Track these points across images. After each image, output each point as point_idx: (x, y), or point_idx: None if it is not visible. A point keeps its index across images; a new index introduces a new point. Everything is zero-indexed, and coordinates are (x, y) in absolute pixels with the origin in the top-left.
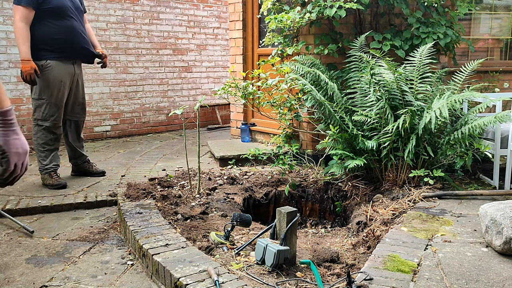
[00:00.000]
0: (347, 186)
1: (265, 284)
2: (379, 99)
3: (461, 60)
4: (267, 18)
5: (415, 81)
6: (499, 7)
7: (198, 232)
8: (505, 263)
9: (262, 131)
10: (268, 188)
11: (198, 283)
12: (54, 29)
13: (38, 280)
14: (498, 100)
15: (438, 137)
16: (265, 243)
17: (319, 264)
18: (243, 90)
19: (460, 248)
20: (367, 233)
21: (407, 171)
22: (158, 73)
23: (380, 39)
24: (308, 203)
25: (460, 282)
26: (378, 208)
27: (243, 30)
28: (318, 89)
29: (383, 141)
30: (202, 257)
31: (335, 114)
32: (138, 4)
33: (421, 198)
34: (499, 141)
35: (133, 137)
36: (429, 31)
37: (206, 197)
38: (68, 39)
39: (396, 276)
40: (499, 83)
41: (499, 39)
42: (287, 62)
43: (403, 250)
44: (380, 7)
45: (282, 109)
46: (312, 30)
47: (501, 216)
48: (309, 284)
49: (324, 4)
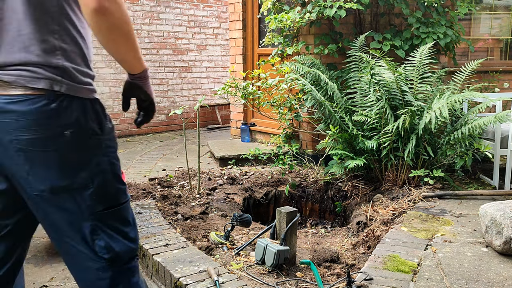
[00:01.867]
0: (347, 186)
1: (265, 284)
2: (379, 99)
3: (461, 60)
4: (267, 18)
5: (415, 81)
6: (499, 7)
7: (198, 232)
8: (505, 263)
9: (262, 131)
10: (268, 188)
11: (198, 283)
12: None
13: (38, 280)
14: (498, 100)
15: (438, 137)
16: (265, 243)
17: (319, 264)
18: (243, 90)
19: (460, 248)
20: (367, 233)
21: (407, 171)
22: (158, 73)
23: (380, 39)
24: (308, 203)
25: (460, 282)
26: (378, 208)
27: (243, 30)
28: (318, 89)
29: (383, 141)
30: (202, 257)
31: (335, 114)
32: (138, 4)
33: (421, 198)
34: (499, 141)
35: (133, 137)
36: (429, 31)
37: (206, 197)
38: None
39: (396, 276)
40: (499, 83)
41: (499, 39)
42: (287, 62)
43: (403, 250)
44: (380, 7)
45: (282, 109)
46: (312, 30)
47: (501, 216)
48: (309, 284)
49: (324, 4)
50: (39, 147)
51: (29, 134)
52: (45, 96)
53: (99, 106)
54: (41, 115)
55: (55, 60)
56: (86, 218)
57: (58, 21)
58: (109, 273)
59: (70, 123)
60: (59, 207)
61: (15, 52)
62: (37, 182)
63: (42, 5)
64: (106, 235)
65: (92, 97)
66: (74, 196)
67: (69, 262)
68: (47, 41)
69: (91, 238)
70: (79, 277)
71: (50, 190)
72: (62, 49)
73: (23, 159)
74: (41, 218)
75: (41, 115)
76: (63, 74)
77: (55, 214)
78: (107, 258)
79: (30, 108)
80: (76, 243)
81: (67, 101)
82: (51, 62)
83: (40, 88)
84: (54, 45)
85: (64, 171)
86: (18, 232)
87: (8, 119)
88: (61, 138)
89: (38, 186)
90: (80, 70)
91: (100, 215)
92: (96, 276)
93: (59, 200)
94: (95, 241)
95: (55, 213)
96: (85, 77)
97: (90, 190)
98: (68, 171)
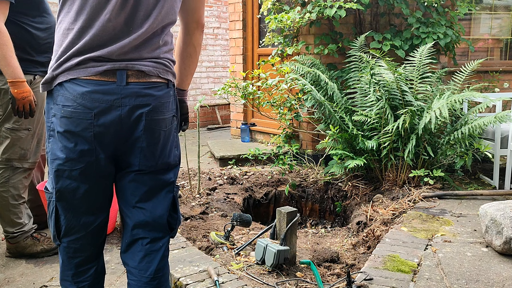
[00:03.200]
0: (347, 186)
1: (265, 284)
2: (379, 99)
3: (461, 60)
4: (267, 18)
5: (415, 81)
6: (499, 7)
7: (198, 232)
8: (505, 263)
9: (262, 131)
10: (268, 188)
11: (198, 283)
12: (35, 31)
13: (38, 280)
14: (498, 100)
15: (438, 137)
16: (265, 243)
17: (319, 264)
18: (243, 90)
19: (460, 248)
20: (367, 233)
21: (407, 171)
22: None
23: (380, 39)
24: (308, 203)
25: (460, 282)
26: (378, 208)
27: (243, 30)
28: (318, 89)
29: (383, 141)
30: (202, 257)
31: (335, 114)
32: None
33: (421, 198)
34: (499, 141)
35: None
36: (429, 31)
37: (206, 197)
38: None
39: (396, 276)
40: (499, 83)
41: (499, 39)
42: (287, 62)
43: (403, 250)
44: (380, 7)
45: (282, 109)
46: (312, 30)
47: (501, 216)
48: (309, 284)
49: (324, 4)
50: (162, 127)
51: (158, 115)
52: (167, 84)
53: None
54: (167, 99)
55: (171, 56)
56: (171, 190)
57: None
58: (165, 246)
59: (174, 108)
60: (155, 178)
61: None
62: (148, 158)
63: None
64: (175, 207)
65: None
66: (169, 171)
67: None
68: (167, 42)
69: (171, 208)
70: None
71: (157, 166)
72: (172, 47)
73: (145, 137)
74: (134, 189)
75: (167, 100)
76: (172, 67)
77: (145, 186)
78: (175, 229)
79: (160, 93)
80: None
81: (173, 89)
82: (171, 58)
83: (167, 78)
84: (170, 44)
85: (169, 149)
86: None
87: (145, 102)
88: (172, 121)
89: (147, 162)
90: (174, 62)
91: (177, 189)
92: (155, 247)
93: (158, 174)
94: (172, 212)
95: (148, 183)
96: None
97: (178, 167)
98: (171, 149)
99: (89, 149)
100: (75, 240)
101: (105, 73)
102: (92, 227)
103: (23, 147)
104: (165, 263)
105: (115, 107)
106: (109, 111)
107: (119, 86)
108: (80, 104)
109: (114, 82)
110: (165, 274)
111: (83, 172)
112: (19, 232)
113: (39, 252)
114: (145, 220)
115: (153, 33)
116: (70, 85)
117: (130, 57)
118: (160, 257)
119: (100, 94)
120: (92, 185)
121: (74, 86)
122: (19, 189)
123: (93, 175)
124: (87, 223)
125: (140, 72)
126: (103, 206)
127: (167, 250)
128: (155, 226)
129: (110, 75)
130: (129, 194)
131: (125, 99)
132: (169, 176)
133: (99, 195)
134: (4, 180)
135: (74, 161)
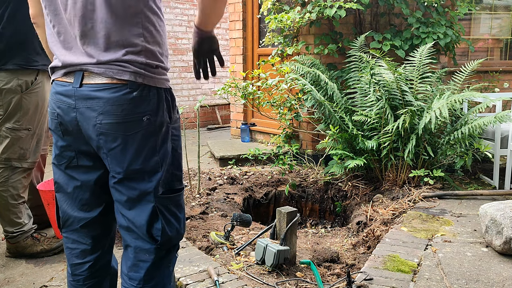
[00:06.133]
0: (347, 186)
1: (265, 284)
2: (379, 99)
3: (461, 60)
4: (267, 18)
5: (415, 81)
6: (499, 7)
7: (198, 232)
8: (505, 263)
9: (262, 131)
10: (268, 188)
11: (198, 283)
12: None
13: (38, 280)
14: (498, 100)
15: (438, 137)
16: (265, 243)
17: (319, 264)
18: (243, 90)
19: (460, 248)
20: (367, 233)
21: (407, 171)
22: None
23: (380, 39)
24: (308, 203)
25: (460, 282)
26: (378, 208)
27: (243, 30)
28: (318, 89)
29: (383, 141)
30: (202, 257)
31: (335, 114)
32: None
33: (421, 198)
34: (499, 141)
35: None
36: (429, 31)
37: (206, 197)
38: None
39: (396, 276)
40: (499, 83)
41: (499, 39)
42: (287, 62)
43: (403, 250)
44: (380, 7)
45: (282, 109)
46: (312, 30)
47: (501, 216)
48: (309, 284)
49: (324, 4)
50: (120, 131)
51: (111, 118)
52: (127, 85)
53: (170, 96)
54: (124, 101)
55: (139, 59)
56: (151, 200)
57: (142, 23)
58: (153, 256)
59: (148, 111)
60: (130, 187)
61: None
62: (115, 164)
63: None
64: (164, 218)
65: (166, 87)
66: (145, 178)
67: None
68: (135, 44)
69: (150, 219)
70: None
71: (126, 172)
72: (146, 49)
73: (103, 142)
74: (116, 195)
75: (124, 102)
76: (145, 68)
77: (124, 195)
78: (160, 241)
79: (114, 95)
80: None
81: (146, 90)
82: (137, 60)
83: (124, 79)
84: (139, 46)
85: (140, 155)
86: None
87: (95, 105)
88: (140, 124)
89: (115, 168)
90: (157, 64)
91: (162, 199)
92: (142, 257)
93: (132, 181)
94: (154, 223)
95: (125, 193)
96: (162, 69)
97: (158, 175)
98: (143, 155)
99: (67, 145)
100: (72, 231)
101: (66, 74)
102: (85, 222)
103: (22, 146)
104: (158, 273)
105: (71, 109)
106: (68, 112)
107: (74, 88)
108: (51, 103)
109: (71, 83)
110: (158, 283)
111: (69, 167)
112: (18, 232)
113: (39, 252)
114: (128, 226)
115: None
116: (53, 85)
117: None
118: (148, 267)
119: (61, 95)
120: (82, 181)
121: (53, 86)
122: (19, 188)
123: (81, 172)
124: (79, 217)
125: (92, 73)
126: (94, 204)
127: (163, 260)
128: (139, 235)
129: (71, 76)
130: (114, 199)
131: (78, 101)
132: (147, 185)
133: (86, 193)
134: (4, 179)
135: (59, 156)
